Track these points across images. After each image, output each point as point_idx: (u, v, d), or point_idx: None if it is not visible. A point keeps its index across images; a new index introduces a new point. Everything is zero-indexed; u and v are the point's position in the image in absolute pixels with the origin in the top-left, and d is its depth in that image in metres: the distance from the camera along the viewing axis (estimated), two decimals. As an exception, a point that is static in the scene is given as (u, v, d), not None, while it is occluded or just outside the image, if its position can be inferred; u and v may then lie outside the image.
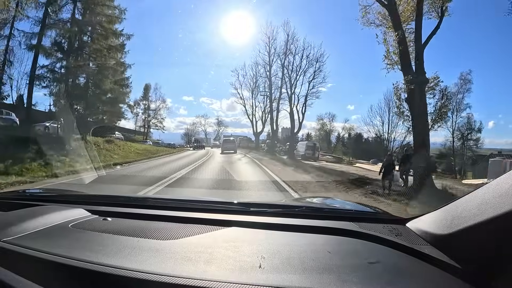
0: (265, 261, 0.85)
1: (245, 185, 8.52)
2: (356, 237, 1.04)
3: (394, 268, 0.86)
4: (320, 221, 1.19)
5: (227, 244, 0.97)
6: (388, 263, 0.88)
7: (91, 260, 0.82)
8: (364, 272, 0.81)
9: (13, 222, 1.09)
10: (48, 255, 0.85)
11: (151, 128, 42.69)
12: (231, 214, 1.30)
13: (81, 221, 1.19)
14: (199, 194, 6.85)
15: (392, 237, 1.02)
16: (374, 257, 0.89)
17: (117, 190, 7.26)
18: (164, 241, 1.00)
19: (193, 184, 8.49)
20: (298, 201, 2.28)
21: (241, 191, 7.55)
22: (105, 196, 1.74)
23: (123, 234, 1.06)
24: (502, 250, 0.70)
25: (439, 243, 0.88)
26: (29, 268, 0.84)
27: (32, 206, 1.37)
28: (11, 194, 1.91)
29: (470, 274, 0.76)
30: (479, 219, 0.73)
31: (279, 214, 1.30)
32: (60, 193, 1.87)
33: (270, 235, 1.08)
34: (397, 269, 0.85)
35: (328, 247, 0.96)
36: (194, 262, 0.84)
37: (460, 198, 0.88)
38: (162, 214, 1.30)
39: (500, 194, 0.71)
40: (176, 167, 12.85)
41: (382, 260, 0.88)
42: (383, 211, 1.43)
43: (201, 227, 1.12)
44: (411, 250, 0.92)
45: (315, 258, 0.87)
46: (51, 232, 1.07)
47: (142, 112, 43.49)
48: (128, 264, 0.81)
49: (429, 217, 1.00)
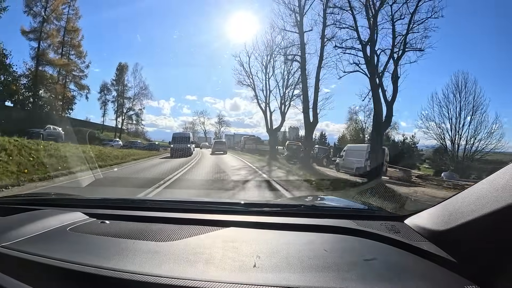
0: (264, 261, 0.85)
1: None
2: (354, 235, 1.04)
3: (393, 265, 0.86)
4: (317, 219, 1.19)
5: (225, 244, 0.98)
6: (386, 260, 0.88)
7: (90, 264, 0.82)
8: (362, 269, 0.82)
9: (10, 226, 1.08)
10: (47, 259, 0.85)
11: (135, 124, 33.49)
12: (229, 214, 1.30)
13: (79, 225, 1.19)
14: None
15: (390, 234, 1.03)
16: (372, 254, 0.90)
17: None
18: (163, 242, 1.00)
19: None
20: (295, 200, 2.29)
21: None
22: (103, 199, 1.73)
23: (122, 236, 1.06)
24: (499, 245, 0.71)
25: (437, 239, 0.89)
26: (27, 272, 0.84)
27: (30, 210, 1.36)
28: (8, 199, 1.89)
29: (468, 269, 0.77)
30: (476, 214, 0.74)
31: (277, 213, 1.30)
32: (57, 196, 1.86)
33: (269, 235, 1.08)
34: (395, 265, 0.86)
35: (326, 245, 0.97)
36: (193, 263, 0.84)
37: (458, 193, 0.89)
38: (160, 215, 1.30)
39: (497, 189, 0.72)
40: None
41: (380, 257, 0.89)
42: (381, 208, 1.44)
43: (200, 228, 1.12)
44: (409, 247, 0.92)
45: (314, 256, 0.88)
46: (49, 236, 1.06)
47: (115, 99, 32.71)
48: (127, 267, 0.81)
49: (427, 213, 1.01)
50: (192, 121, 49.42)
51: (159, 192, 6.36)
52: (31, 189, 6.54)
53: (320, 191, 7.47)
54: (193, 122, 49.51)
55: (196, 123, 49.29)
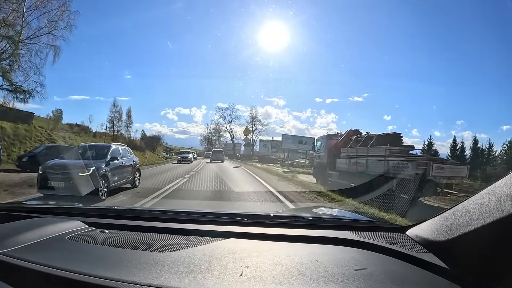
0: (264, 273, 0.85)
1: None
2: (356, 246, 1.03)
3: (394, 276, 0.85)
4: (319, 230, 1.18)
5: (226, 255, 0.97)
6: (387, 271, 0.87)
7: (88, 273, 0.81)
8: (363, 281, 0.81)
9: (9, 234, 1.08)
10: (45, 268, 0.84)
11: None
12: (229, 225, 1.29)
13: (78, 233, 1.18)
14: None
15: (391, 245, 1.02)
16: (373, 266, 0.89)
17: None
18: (162, 253, 0.99)
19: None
20: (297, 211, 2.27)
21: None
22: (102, 209, 1.73)
23: (121, 246, 1.05)
24: (501, 255, 0.71)
25: (438, 250, 0.88)
26: (25, 280, 0.83)
27: (29, 218, 1.35)
28: (7, 206, 1.89)
29: (470, 280, 0.76)
30: (478, 224, 0.74)
31: (279, 224, 1.29)
32: (56, 205, 1.86)
33: (270, 246, 1.07)
34: (397, 277, 0.85)
35: (327, 257, 0.96)
36: (192, 274, 0.83)
37: (459, 204, 0.89)
38: (159, 226, 1.29)
39: (499, 199, 0.72)
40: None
41: (382, 269, 0.88)
42: (382, 219, 1.43)
43: (200, 239, 1.11)
44: (411, 258, 0.91)
45: (315, 268, 0.87)
46: (48, 244, 1.06)
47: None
48: (126, 277, 0.80)
49: (428, 224, 1.01)
50: (218, 128, 44.38)
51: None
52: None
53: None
54: (219, 128, 44.51)
55: (222, 130, 44.37)
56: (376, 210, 5.44)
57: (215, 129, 45.09)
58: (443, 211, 0.95)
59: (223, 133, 44.47)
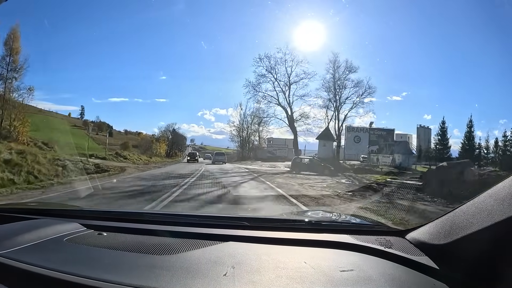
0: (263, 276, 0.84)
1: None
2: (355, 250, 1.03)
3: (392, 280, 0.85)
4: (318, 234, 1.18)
5: (224, 259, 0.96)
6: (385, 274, 0.87)
7: (86, 275, 0.80)
8: (362, 284, 0.80)
9: (7, 235, 1.07)
10: (42, 269, 0.83)
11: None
12: (229, 228, 1.28)
13: (76, 236, 1.17)
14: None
15: (390, 248, 1.01)
16: (371, 269, 0.89)
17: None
18: (160, 256, 0.98)
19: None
20: (296, 215, 2.26)
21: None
22: (101, 211, 1.72)
23: (119, 249, 1.04)
24: (500, 257, 0.70)
25: (437, 253, 0.88)
26: (23, 282, 0.82)
27: (27, 219, 1.35)
28: (5, 207, 1.88)
29: (468, 283, 0.75)
30: (477, 227, 0.74)
31: (278, 228, 1.29)
32: (55, 207, 1.85)
33: (269, 250, 1.07)
34: (395, 281, 0.85)
35: (326, 260, 0.96)
36: (190, 278, 0.83)
37: (458, 207, 0.89)
38: (158, 229, 1.28)
39: (499, 202, 0.72)
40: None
41: (380, 272, 0.88)
42: (381, 223, 1.42)
43: (198, 242, 1.10)
44: (409, 261, 0.91)
45: (313, 272, 0.87)
46: (46, 246, 1.05)
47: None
48: (124, 279, 0.79)
49: (427, 228, 1.00)
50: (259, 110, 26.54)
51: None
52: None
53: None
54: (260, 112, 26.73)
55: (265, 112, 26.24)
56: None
57: (255, 113, 26.41)
58: (442, 215, 0.95)
59: (268, 119, 24.93)
